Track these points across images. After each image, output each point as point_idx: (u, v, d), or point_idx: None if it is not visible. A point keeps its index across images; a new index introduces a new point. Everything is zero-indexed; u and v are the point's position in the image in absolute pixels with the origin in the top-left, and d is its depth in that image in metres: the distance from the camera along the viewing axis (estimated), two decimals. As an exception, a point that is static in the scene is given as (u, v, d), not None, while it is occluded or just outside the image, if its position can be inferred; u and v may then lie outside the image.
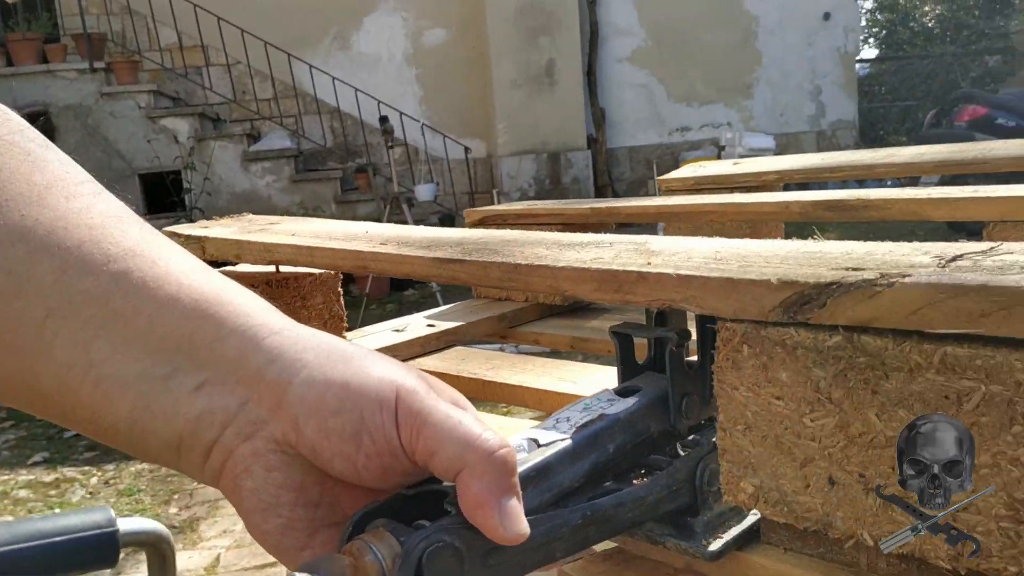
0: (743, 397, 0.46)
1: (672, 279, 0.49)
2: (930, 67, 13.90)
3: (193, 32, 8.75)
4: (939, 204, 0.80)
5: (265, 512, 0.38)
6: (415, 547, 0.35)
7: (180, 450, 0.39)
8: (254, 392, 0.38)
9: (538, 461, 0.41)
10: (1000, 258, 0.43)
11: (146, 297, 0.39)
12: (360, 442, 0.37)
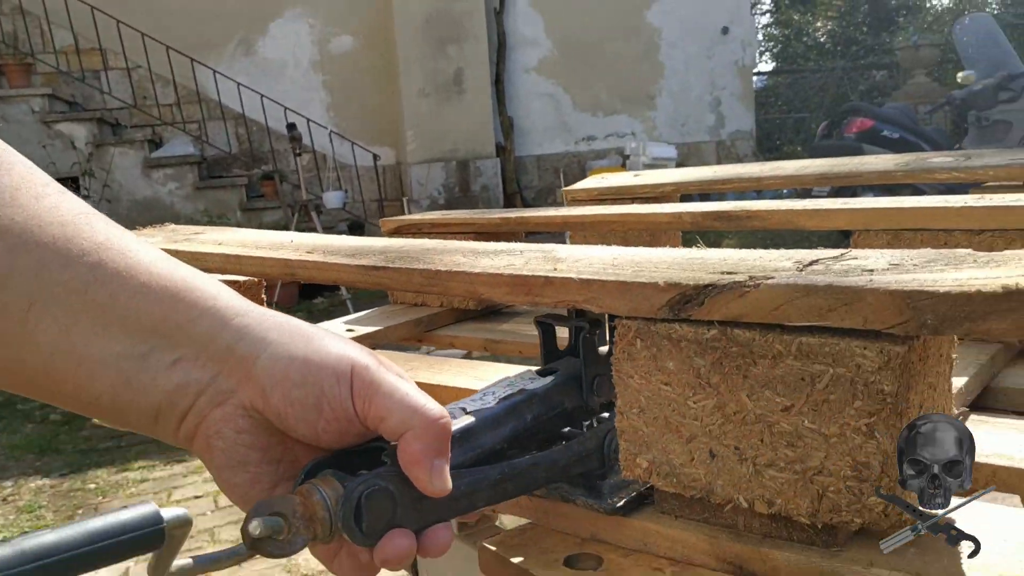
0: (637, 384, 0.53)
1: (575, 283, 0.56)
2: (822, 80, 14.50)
3: (90, 34, 8.49)
4: (812, 215, 0.89)
5: (234, 468, 0.44)
6: (355, 489, 0.41)
7: (158, 419, 0.44)
8: (224, 366, 0.44)
9: (464, 425, 0.47)
10: (846, 263, 0.51)
11: (121, 285, 0.44)
12: (321, 410, 0.43)
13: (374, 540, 0.43)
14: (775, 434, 0.48)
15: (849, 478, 0.46)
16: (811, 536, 0.49)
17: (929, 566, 0.46)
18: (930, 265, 0.49)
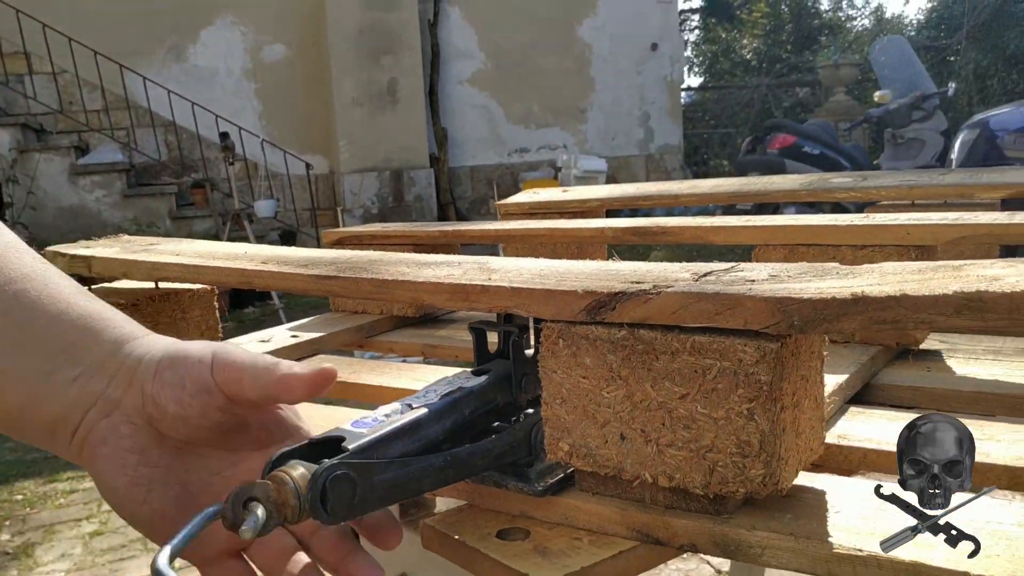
0: (560, 378, 0.61)
1: (507, 290, 0.65)
2: (748, 96, 14.93)
3: (14, 38, 8.31)
4: (718, 231, 0.99)
5: (114, 471, 0.50)
6: (320, 475, 0.48)
7: (55, 432, 0.50)
8: (114, 378, 0.51)
9: (411, 419, 0.55)
10: (734, 275, 0.60)
11: (40, 312, 0.51)
12: (184, 385, 0.50)
13: (338, 520, 0.51)
14: (674, 418, 0.57)
15: (734, 454, 0.55)
16: (705, 505, 0.58)
17: (801, 527, 0.56)
18: (801, 276, 0.58)
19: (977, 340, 1.00)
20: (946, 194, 1.26)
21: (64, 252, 0.99)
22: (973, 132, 5.10)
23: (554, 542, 0.62)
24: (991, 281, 0.49)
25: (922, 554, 0.51)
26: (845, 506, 0.58)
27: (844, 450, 0.71)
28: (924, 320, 0.49)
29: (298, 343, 1.16)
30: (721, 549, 0.57)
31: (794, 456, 0.58)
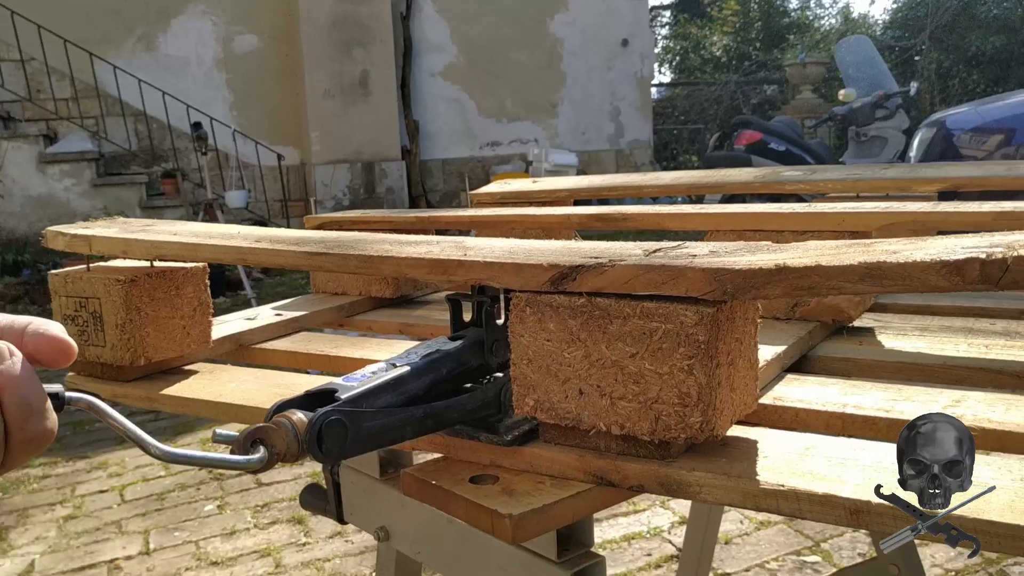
0: (527, 341, 0.70)
1: (481, 264, 0.73)
2: (717, 93, 15.11)
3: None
4: (674, 217, 1.08)
5: None
6: (316, 420, 0.56)
7: None
8: None
9: (396, 375, 0.63)
10: (679, 251, 0.69)
11: None
12: None
13: (332, 459, 0.59)
14: (625, 374, 0.66)
15: (676, 404, 0.64)
16: (651, 451, 0.67)
17: (733, 468, 0.64)
18: (736, 252, 0.67)
19: (908, 319, 1.10)
20: (887, 187, 1.36)
21: (65, 232, 1.05)
22: (930, 131, 5.26)
23: (520, 485, 0.70)
24: (891, 254, 0.58)
25: (833, 486, 0.60)
26: (772, 452, 0.67)
27: (779, 409, 0.80)
28: (835, 286, 0.58)
29: (282, 321, 1.24)
30: (665, 488, 0.66)
31: (729, 408, 0.67)
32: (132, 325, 0.98)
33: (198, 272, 1.05)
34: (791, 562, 2.64)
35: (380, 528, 0.97)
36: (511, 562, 0.80)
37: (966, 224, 0.96)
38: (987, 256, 0.53)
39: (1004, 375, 0.87)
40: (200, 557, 2.86)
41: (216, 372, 1.05)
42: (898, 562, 1.18)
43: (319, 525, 3.03)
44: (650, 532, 2.88)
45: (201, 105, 8.87)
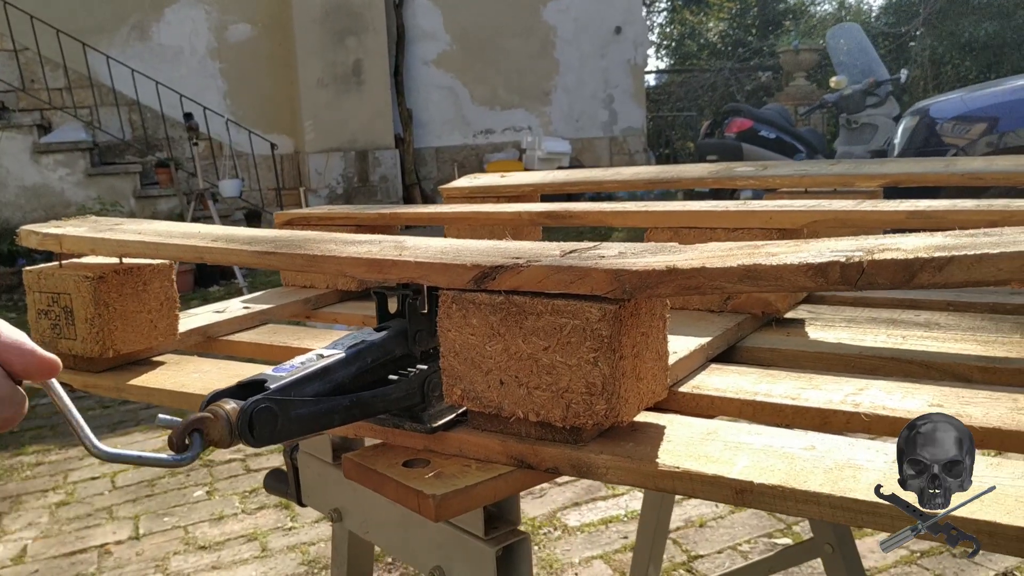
0: (453, 336, 0.76)
1: (412, 264, 0.79)
2: (712, 79, 15.12)
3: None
4: (617, 215, 1.14)
5: None
6: (247, 408, 0.62)
7: None
8: None
9: (322, 365, 0.69)
10: (591, 253, 0.75)
11: None
12: None
13: (263, 444, 0.65)
14: (539, 366, 0.71)
15: (583, 393, 0.70)
16: (565, 436, 0.73)
17: (637, 452, 0.70)
18: (641, 253, 0.73)
19: (839, 310, 1.16)
20: (833, 182, 1.42)
21: (37, 231, 1.11)
22: (914, 119, 5.30)
23: (448, 468, 0.76)
24: (769, 256, 0.64)
25: (722, 468, 0.66)
26: (676, 437, 0.73)
27: (696, 397, 0.86)
28: (718, 286, 0.64)
29: (250, 313, 1.30)
30: (577, 470, 0.72)
31: (635, 396, 0.73)
32: (101, 319, 1.04)
33: (165, 268, 1.11)
34: (763, 544, 2.72)
35: (334, 510, 1.04)
36: (445, 540, 0.86)
37: (883, 222, 1.02)
38: (846, 260, 0.59)
39: (913, 364, 0.93)
40: (188, 542, 2.93)
41: (182, 363, 1.11)
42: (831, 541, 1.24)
43: (305, 511, 3.09)
44: (627, 516, 2.95)
45: (195, 94, 8.91)
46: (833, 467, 0.64)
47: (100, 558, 2.85)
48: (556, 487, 3.19)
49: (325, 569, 2.69)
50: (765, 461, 0.67)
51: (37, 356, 0.61)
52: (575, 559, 2.68)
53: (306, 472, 1.07)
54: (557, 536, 2.83)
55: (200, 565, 2.76)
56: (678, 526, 2.84)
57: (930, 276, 0.59)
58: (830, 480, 0.62)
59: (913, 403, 0.79)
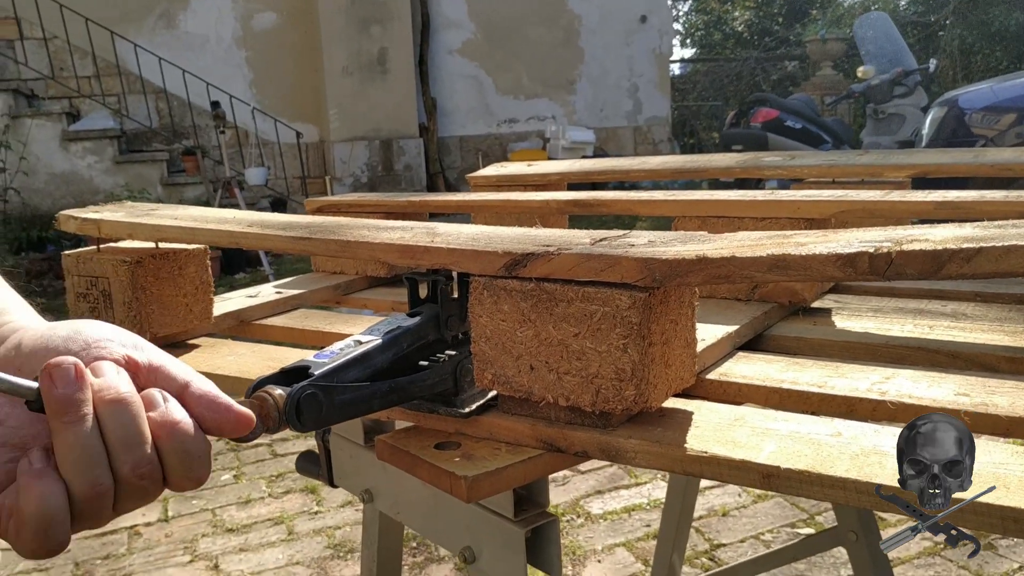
0: (484, 321, 0.77)
1: (444, 251, 0.80)
2: (737, 69, 15.01)
3: (5, 3, 8.37)
4: (644, 204, 1.14)
5: None
6: (294, 394, 0.64)
7: None
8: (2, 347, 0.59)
9: (361, 351, 0.71)
10: (622, 241, 0.76)
11: None
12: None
13: (309, 428, 0.66)
14: (569, 352, 0.73)
15: (613, 379, 0.71)
16: (594, 420, 0.74)
17: (666, 437, 0.72)
18: (671, 243, 0.74)
19: (866, 300, 1.17)
20: (861, 172, 1.42)
21: (76, 216, 1.14)
22: (942, 109, 5.25)
23: (479, 451, 0.78)
24: (798, 246, 0.65)
25: (749, 453, 0.67)
26: (704, 423, 0.74)
27: (724, 384, 0.87)
28: (747, 275, 0.65)
29: (282, 298, 1.32)
30: (606, 454, 0.73)
31: (663, 383, 0.74)
32: (138, 303, 1.06)
33: (199, 253, 1.13)
34: (785, 534, 2.72)
35: (365, 491, 1.06)
36: (475, 521, 0.88)
37: (911, 212, 1.02)
38: (875, 250, 0.60)
39: (940, 354, 0.93)
40: (216, 524, 2.98)
41: (217, 346, 1.13)
42: (856, 529, 1.25)
43: (330, 495, 3.14)
44: (650, 504, 2.96)
45: (221, 83, 8.97)
46: (859, 453, 0.65)
47: (130, 539, 2.91)
48: (579, 475, 3.20)
49: (351, 552, 2.72)
50: (792, 447, 0.68)
51: (234, 412, 0.55)
52: (598, 546, 2.70)
53: (338, 454, 1.09)
54: (580, 524, 2.85)
55: (228, 547, 2.81)
56: (700, 515, 2.85)
57: (958, 267, 0.59)
58: (856, 466, 0.63)
59: (939, 392, 0.80)
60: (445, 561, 2.63)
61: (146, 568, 2.70)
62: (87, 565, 2.74)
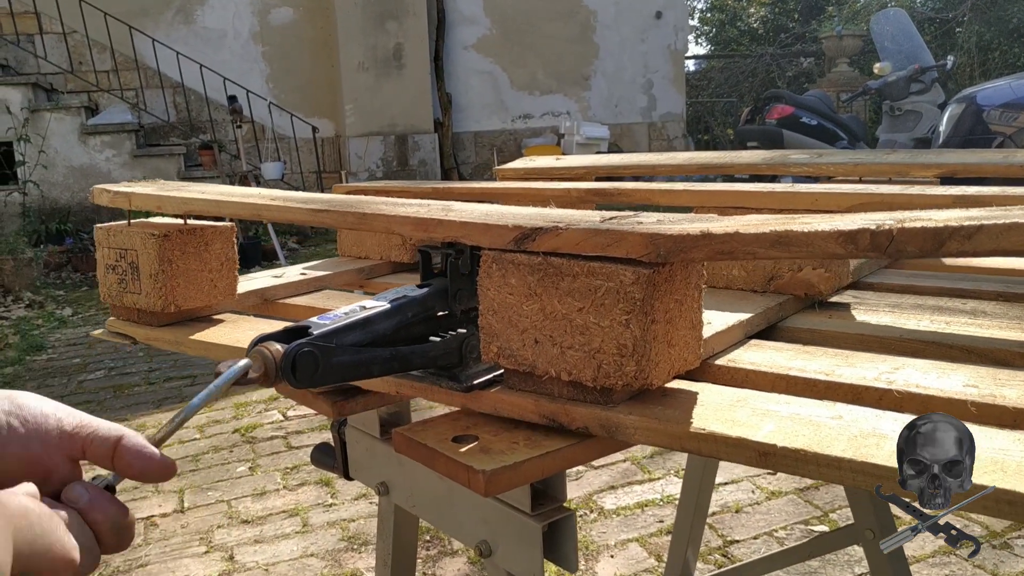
0: (493, 295, 0.78)
1: (457, 223, 0.81)
2: (752, 65, 14.95)
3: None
4: (664, 194, 1.15)
5: None
6: (291, 351, 0.65)
7: None
8: None
9: (364, 315, 0.72)
10: (631, 219, 0.77)
11: None
12: None
13: (305, 385, 0.67)
14: (573, 326, 0.74)
15: (614, 354, 0.72)
16: (595, 396, 0.75)
17: (666, 415, 0.73)
18: (679, 221, 0.75)
19: (884, 296, 1.16)
20: (888, 171, 1.42)
21: (109, 189, 1.17)
22: (960, 106, 5.22)
23: (496, 445, 0.79)
24: (802, 224, 0.66)
25: (747, 432, 0.67)
26: (705, 402, 0.75)
27: (730, 369, 0.88)
28: (750, 251, 0.66)
29: (306, 279, 1.34)
30: (606, 430, 0.74)
31: (665, 361, 0.75)
32: (164, 275, 1.09)
33: (226, 230, 1.16)
34: (799, 531, 2.72)
35: (381, 483, 1.07)
36: (492, 515, 0.89)
37: (929, 206, 1.02)
38: (876, 227, 0.61)
39: (954, 349, 0.92)
40: (232, 516, 3.00)
41: (239, 322, 1.15)
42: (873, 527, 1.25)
43: (345, 487, 3.16)
44: (663, 500, 2.97)
45: (238, 77, 9.02)
46: (858, 435, 0.65)
47: (147, 530, 2.94)
48: (592, 470, 3.21)
49: (365, 545, 2.74)
50: (791, 427, 0.68)
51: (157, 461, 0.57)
52: (611, 541, 2.70)
53: (354, 446, 1.10)
54: (593, 519, 2.86)
55: (243, 539, 2.83)
56: (714, 511, 2.85)
57: (959, 244, 0.60)
58: (853, 446, 0.63)
59: (947, 383, 0.79)
60: (459, 554, 2.64)
61: (162, 558, 2.73)
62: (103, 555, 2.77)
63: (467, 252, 0.82)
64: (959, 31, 12.74)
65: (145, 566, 2.68)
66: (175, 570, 2.65)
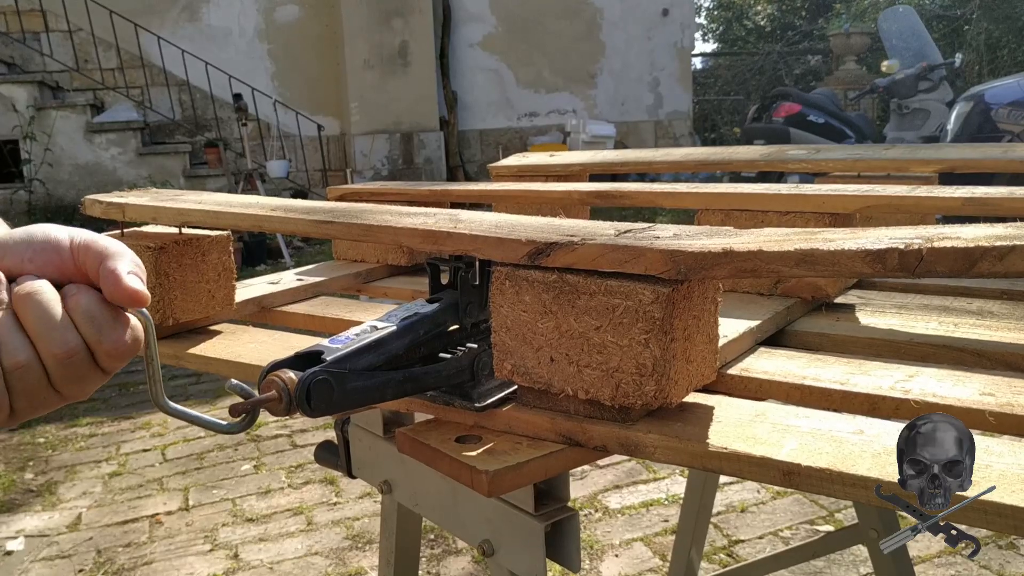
0: (506, 311, 0.77)
1: (467, 237, 0.80)
2: (759, 63, 14.90)
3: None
4: (668, 196, 1.13)
5: None
6: (305, 379, 0.63)
7: None
8: None
9: (377, 337, 0.70)
10: (647, 233, 0.75)
11: None
12: None
13: (320, 415, 0.66)
14: (590, 345, 0.72)
15: (634, 373, 0.70)
16: (613, 414, 0.74)
17: (686, 432, 0.71)
18: (697, 236, 0.73)
19: (890, 296, 1.15)
20: (887, 167, 1.40)
21: (101, 200, 1.14)
22: (968, 104, 5.18)
23: (500, 445, 0.77)
24: (826, 242, 0.64)
25: (769, 450, 0.66)
26: (724, 418, 0.73)
27: (745, 380, 0.86)
28: (774, 270, 0.64)
29: (303, 286, 1.32)
30: (625, 448, 0.73)
31: (684, 378, 0.73)
32: (161, 288, 1.06)
33: (222, 240, 1.13)
34: (804, 530, 2.70)
35: (384, 482, 1.06)
36: (495, 514, 0.88)
37: (938, 208, 1.00)
38: (905, 247, 0.59)
39: (965, 352, 0.91)
40: (236, 514, 2.99)
41: (238, 333, 1.13)
42: (877, 526, 1.24)
43: (349, 486, 3.15)
44: (668, 499, 2.95)
45: (243, 75, 9.00)
46: (881, 452, 0.64)
47: (151, 527, 2.93)
48: (597, 469, 3.20)
49: (369, 543, 2.73)
50: (813, 444, 0.67)
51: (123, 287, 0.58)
52: (615, 541, 2.69)
53: (357, 445, 1.09)
54: (598, 518, 2.84)
55: (247, 537, 2.82)
56: (719, 511, 2.84)
57: (990, 265, 0.58)
58: (878, 464, 0.61)
59: (964, 391, 0.78)
60: (463, 553, 2.63)
61: (167, 556, 2.72)
62: (109, 552, 2.77)
63: (477, 264, 0.80)
64: (967, 28, 12.67)
65: (150, 564, 2.67)
66: (180, 568, 2.64)
